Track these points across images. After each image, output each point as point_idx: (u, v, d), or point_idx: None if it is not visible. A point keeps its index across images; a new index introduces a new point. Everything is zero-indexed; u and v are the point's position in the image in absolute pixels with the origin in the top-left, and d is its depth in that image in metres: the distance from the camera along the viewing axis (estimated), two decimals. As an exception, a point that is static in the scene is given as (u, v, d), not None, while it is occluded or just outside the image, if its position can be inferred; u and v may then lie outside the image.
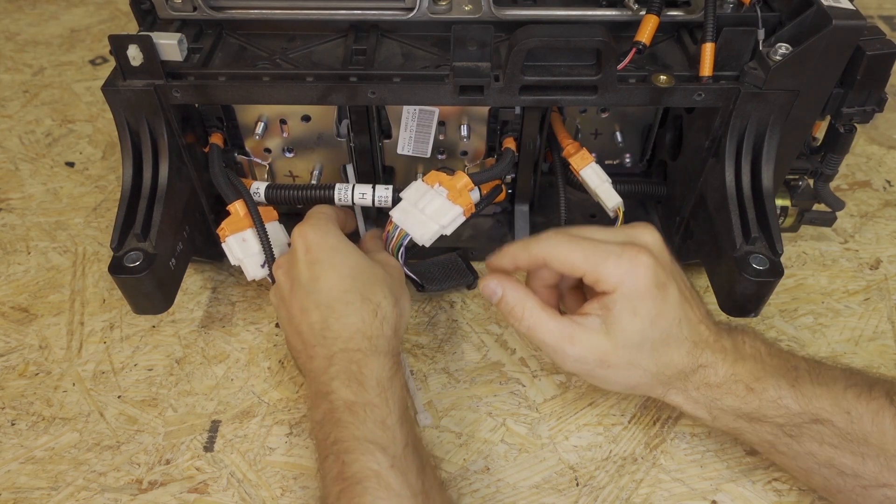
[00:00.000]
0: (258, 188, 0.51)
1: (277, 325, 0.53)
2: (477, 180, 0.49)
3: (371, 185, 0.50)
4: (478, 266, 0.58)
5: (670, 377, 0.40)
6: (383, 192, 0.50)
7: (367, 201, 0.50)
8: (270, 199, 0.51)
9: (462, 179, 0.48)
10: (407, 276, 0.51)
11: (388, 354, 0.42)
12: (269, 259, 0.47)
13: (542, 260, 0.41)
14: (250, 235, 0.48)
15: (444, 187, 0.48)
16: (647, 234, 0.41)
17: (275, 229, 0.49)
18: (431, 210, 0.47)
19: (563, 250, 0.40)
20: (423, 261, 0.56)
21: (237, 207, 0.48)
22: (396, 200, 0.49)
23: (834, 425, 0.38)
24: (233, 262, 0.48)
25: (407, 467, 0.38)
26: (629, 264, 0.39)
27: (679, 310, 0.39)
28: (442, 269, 0.56)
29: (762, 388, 0.39)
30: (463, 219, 0.48)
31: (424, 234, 0.47)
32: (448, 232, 0.47)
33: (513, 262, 0.42)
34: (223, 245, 0.48)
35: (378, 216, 0.58)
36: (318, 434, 0.40)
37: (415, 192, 0.48)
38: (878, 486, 0.38)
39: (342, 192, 0.50)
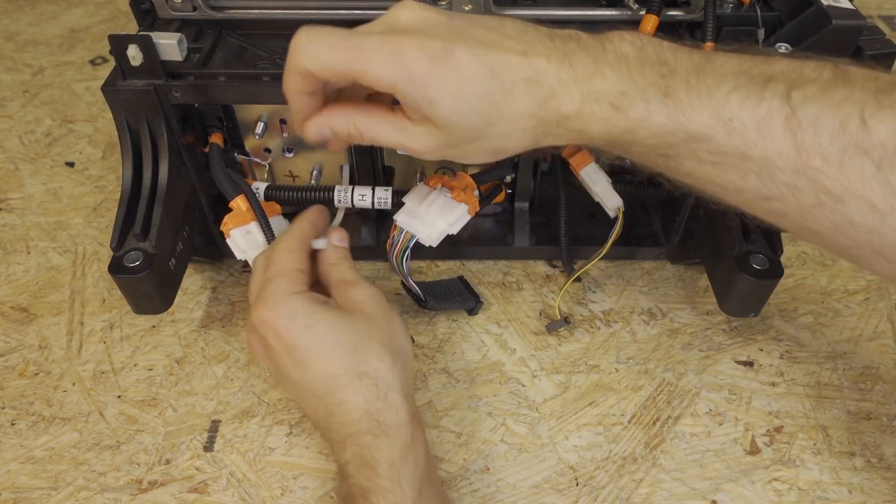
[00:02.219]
0: (258, 188, 0.51)
1: None
2: (479, 181, 0.49)
3: (370, 187, 0.50)
4: (478, 264, 0.58)
5: (527, 127, 0.35)
6: (382, 194, 0.50)
7: (367, 203, 0.50)
8: (270, 200, 0.51)
9: (465, 180, 0.48)
10: (410, 290, 0.51)
11: (400, 427, 0.38)
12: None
13: (311, 74, 0.35)
14: (254, 228, 0.48)
15: (447, 187, 0.48)
16: (404, 11, 0.35)
17: (279, 223, 0.49)
18: (437, 209, 0.47)
19: (323, 57, 0.34)
20: (428, 281, 0.56)
21: (239, 203, 0.48)
22: (396, 203, 0.49)
23: (711, 141, 0.33)
24: (238, 256, 0.48)
25: None
26: (392, 58, 0.33)
27: (486, 60, 0.33)
28: (445, 289, 0.55)
29: (628, 105, 0.33)
30: (469, 217, 0.48)
31: (431, 234, 0.47)
32: (454, 231, 0.47)
33: (302, 95, 0.37)
34: (228, 240, 0.48)
35: (378, 216, 0.58)
36: None
37: (417, 194, 0.48)
38: (762, 200, 0.34)
39: (341, 194, 0.50)
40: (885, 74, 0.32)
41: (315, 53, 0.34)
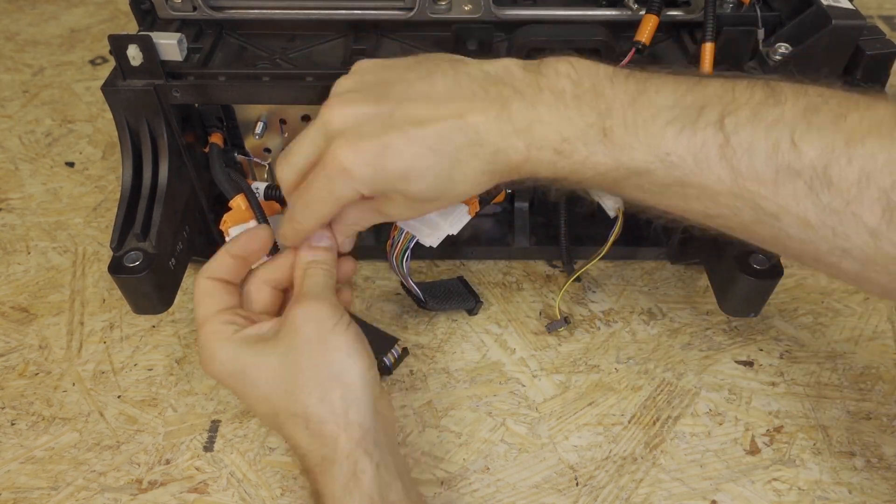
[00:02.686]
0: (258, 188, 0.51)
1: None
2: None
3: None
4: (478, 264, 0.58)
5: (482, 181, 0.36)
6: None
7: None
8: (270, 199, 0.51)
9: None
10: (410, 291, 0.51)
11: (340, 460, 0.36)
12: (274, 249, 0.47)
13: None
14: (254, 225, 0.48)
15: None
16: (332, 113, 0.36)
17: (278, 222, 0.49)
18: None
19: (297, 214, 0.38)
20: (427, 281, 0.56)
21: (239, 202, 0.48)
22: None
23: (652, 175, 0.34)
24: None
25: None
26: (341, 179, 0.35)
27: (424, 141, 0.34)
28: (445, 290, 0.55)
29: (571, 150, 0.34)
30: (468, 217, 0.48)
31: (432, 234, 0.47)
32: (454, 231, 0.47)
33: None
34: (227, 238, 0.48)
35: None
36: None
37: None
38: (707, 218, 0.35)
39: None
40: (814, 88, 0.33)
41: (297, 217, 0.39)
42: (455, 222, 0.47)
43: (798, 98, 0.33)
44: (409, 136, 0.34)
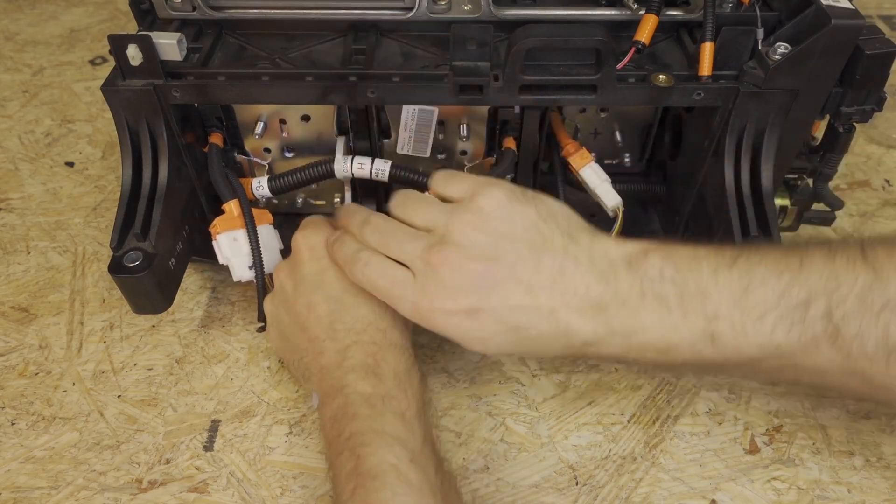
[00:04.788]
0: (261, 182, 0.51)
1: (259, 331, 0.51)
2: None
3: (370, 157, 0.50)
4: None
5: (556, 354, 0.38)
6: (381, 166, 0.50)
7: (365, 172, 0.50)
8: (275, 191, 0.51)
9: None
10: None
11: (404, 347, 0.41)
12: (258, 262, 0.47)
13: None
14: (241, 236, 0.47)
15: None
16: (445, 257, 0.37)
17: (268, 233, 0.49)
18: None
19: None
20: None
21: (231, 207, 0.48)
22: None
23: (763, 362, 0.35)
24: (221, 260, 0.48)
25: (426, 463, 0.36)
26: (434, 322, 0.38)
27: (509, 321, 0.36)
28: None
29: (676, 354, 0.36)
30: None
31: None
32: None
33: None
34: (213, 242, 0.48)
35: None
36: (331, 431, 0.38)
37: None
38: (818, 385, 0.38)
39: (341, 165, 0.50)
40: None
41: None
42: None
43: None
44: (498, 315, 0.36)
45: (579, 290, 0.36)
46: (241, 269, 0.48)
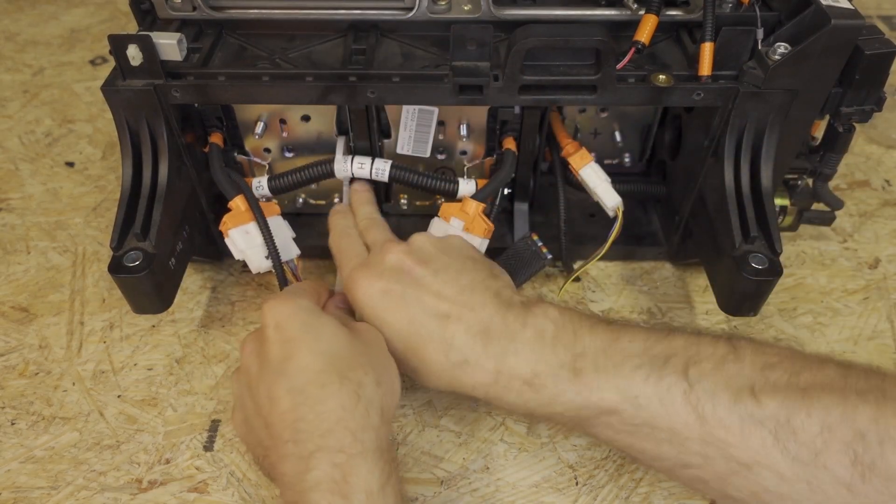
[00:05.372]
0: (260, 182, 0.51)
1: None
2: (481, 197, 0.49)
3: (370, 157, 0.50)
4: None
5: (442, 381, 0.40)
6: (381, 165, 0.50)
7: (365, 172, 0.50)
8: (275, 190, 0.51)
9: (471, 205, 0.49)
10: None
11: (378, 452, 0.35)
12: (272, 250, 0.47)
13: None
14: (252, 228, 0.48)
15: (458, 220, 0.49)
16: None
17: (278, 223, 0.50)
18: None
19: None
20: (498, 257, 0.52)
21: (238, 203, 0.48)
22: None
23: (621, 414, 0.36)
24: (237, 256, 0.48)
25: None
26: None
27: (405, 314, 0.40)
28: (517, 259, 0.53)
29: (541, 384, 0.38)
30: (486, 242, 0.50)
31: None
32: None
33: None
34: (226, 240, 0.48)
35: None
36: None
37: (437, 230, 0.50)
38: (681, 467, 0.36)
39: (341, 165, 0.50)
40: (772, 347, 0.37)
41: None
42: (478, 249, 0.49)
43: (756, 356, 0.36)
44: (406, 300, 0.41)
45: (476, 308, 0.40)
46: (259, 260, 0.48)
